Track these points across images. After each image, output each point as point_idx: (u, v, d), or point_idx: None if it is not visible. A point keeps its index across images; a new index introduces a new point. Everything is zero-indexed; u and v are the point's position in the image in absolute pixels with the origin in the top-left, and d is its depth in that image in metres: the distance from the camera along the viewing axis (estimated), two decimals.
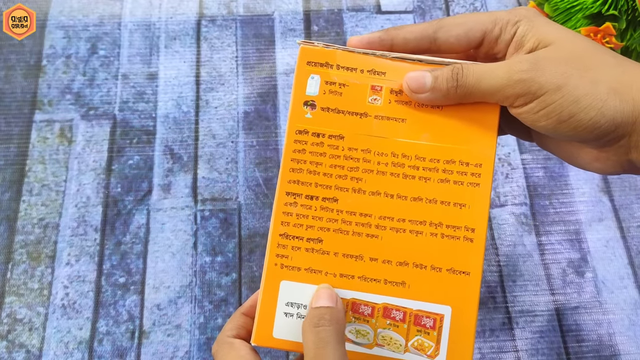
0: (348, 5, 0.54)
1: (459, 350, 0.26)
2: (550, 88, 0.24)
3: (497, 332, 0.41)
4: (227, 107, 0.49)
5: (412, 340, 0.26)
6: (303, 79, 0.28)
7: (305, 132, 0.28)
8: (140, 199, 0.45)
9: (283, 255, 0.27)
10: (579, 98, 0.23)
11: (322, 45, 0.28)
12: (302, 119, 0.28)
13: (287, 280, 0.27)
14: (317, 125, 0.28)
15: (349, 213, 0.27)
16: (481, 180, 0.27)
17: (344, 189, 0.27)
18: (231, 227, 0.44)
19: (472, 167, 0.27)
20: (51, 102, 0.49)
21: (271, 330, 0.26)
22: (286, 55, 0.51)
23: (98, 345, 0.40)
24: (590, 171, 0.27)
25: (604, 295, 0.43)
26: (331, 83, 0.28)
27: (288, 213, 0.27)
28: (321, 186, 0.27)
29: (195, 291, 0.42)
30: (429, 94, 0.26)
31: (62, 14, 0.53)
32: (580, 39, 0.25)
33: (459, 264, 0.26)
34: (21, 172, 0.46)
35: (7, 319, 0.41)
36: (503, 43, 0.26)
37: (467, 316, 0.26)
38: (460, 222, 0.26)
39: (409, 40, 0.27)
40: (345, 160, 0.27)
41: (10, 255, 0.43)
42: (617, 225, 0.45)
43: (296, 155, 0.28)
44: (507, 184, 0.46)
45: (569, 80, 0.23)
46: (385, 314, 0.26)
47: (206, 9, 0.53)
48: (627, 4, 0.44)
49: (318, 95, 0.28)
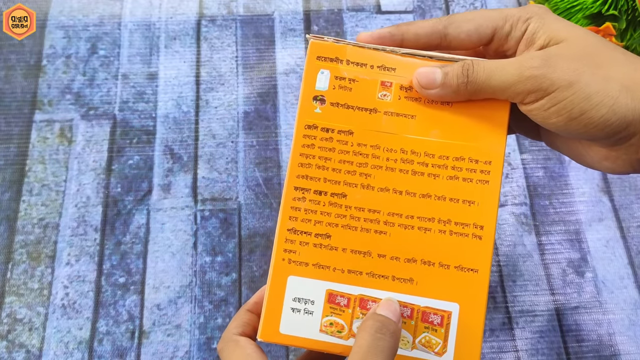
0: (348, 5, 0.54)
1: (467, 348, 0.26)
2: (562, 85, 0.23)
3: (497, 332, 0.41)
4: (227, 107, 0.49)
5: (420, 337, 0.26)
6: (313, 74, 0.28)
7: (315, 127, 0.28)
8: (140, 199, 0.45)
9: (291, 250, 0.27)
10: (591, 95, 0.23)
11: (332, 40, 0.28)
12: (312, 113, 0.28)
13: (294, 275, 0.27)
14: (326, 120, 0.28)
15: (357, 209, 0.27)
16: (490, 178, 0.26)
17: (352, 184, 0.27)
18: (231, 227, 0.44)
19: (482, 164, 0.27)
20: (51, 102, 0.49)
21: (278, 326, 0.26)
22: (286, 55, 0.51)
23: (98, 345, 0.40)
24: (600, 170, 0.27)
25: (604, 295, 0.43)
26: (341, 78, 0.28)
27: (296, 208, 0.27)
28: (330, 181, 0.27)
29: (195, 291, 0.42)
30: (439, 89, 0.26)
31: (62, 14, 0.53)
32: (591, 37, 0.25)
33: (467, 261, 0.26)
34: (21, 172, 0.46)
35: (7, 319, 0.41)
36: (513, 40, 0.26)
37: (475, 313, 0.26)
38: (469, 219, 0.26)
39: (419, 35, 0.27)
40: (354, 156, 0.27)
41: (10, 255, 0.43)
42: (617, 225, 0.45)
43: (305, 150, 0.27)
44: (507, 184, 0.46)
45: (581, 77, 0.23)
46: None
47: (206, 9, 0.53)
48: (627, 4, 0.44)
49: (328, 90, 0.28)
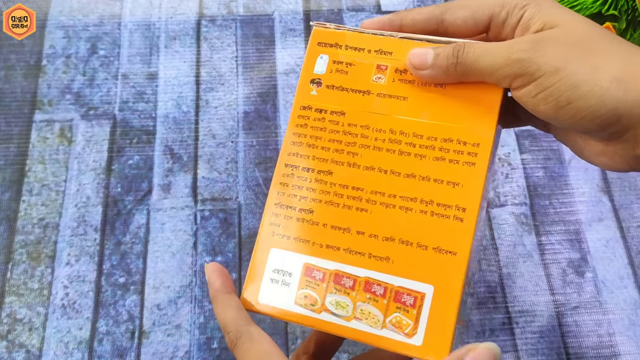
0: (348, 5, 0.54)
1: (438, 332, 0.25)
2: (548, 70, 0.23)
3: (497, 332, 0.41)
4: (227, 107, 0.49)
5: (391, 316, 0.26)
6: (312, 59, 0.29)
7: (309, 108, 0.28)
8: (140, 199, 0.45)
9: (276, 224, 0.28)
10: (579, 84, 0.22)
11: (334, 27, 0.29)
12: (308, 95, 0.29)
13: (276, 247, 0.27)
14: (320, 102, 0.28)
15: (341, 186, 0.27)
16: (477, 160, 0.26)
17: (339, 162, 0.27)
18: (231, 227, 0.44)
19: (470, 146, 0.26)
20: (51, 102, 0.49)
21: (257, 295, 0.27)
22: (286, 55, 0.51)
23: (98, 345, 0.40)
24: (599, 166, 0.26)
25: (604, 295, 0.43)
26: (338, 62, 0.28)
27: (284, 184, 0.28)
28: (318, 159, 0.28)
29: (195, 291, 0.42)
30: (429, 70, 0.26)
31: (62, 14, 0.53)
32: (589, 24, 0.24)
33: (446, 244, 0.26)
34: (21, 172, 0.46)
35: (7, 319, 0.41)
36: (510, 27, 0.26)
37: (449, 297, 0.25)
38: (452, 200, 0.26)
39: (417, 21, 0.27)
40: (344, 135, 0.28)
41: (10, 255, 0.43)
42: (617, 225, 0.45)
43: (298, 130, 0.28)
44: (507, 184, 0.46)
45: (569, 63, 0.22)
46: (367, 287, 0.26)
47: (206, 9, 0.53)
48: (627, 4, 0.44)
49: (325, 73, 0.29)
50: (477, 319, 0.42)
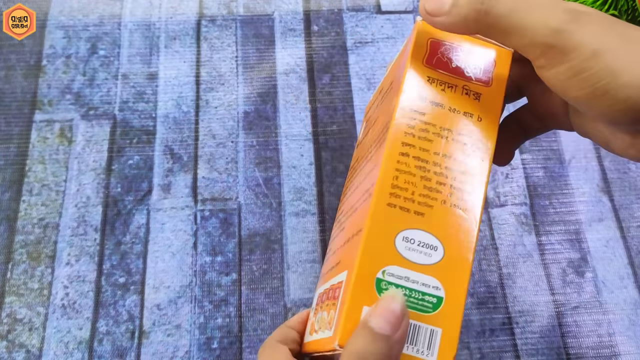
0: (348, 5, 0.54)
1: (341, 316, 0.22)
2: (586, 52, 0.20)
3: (497, 332, 0.41)
4: (227, 107, 0.49)
5: (329, 315, 0.24)
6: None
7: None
8: (140, 199, 0.45)
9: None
10: (620, 72, 0.20)
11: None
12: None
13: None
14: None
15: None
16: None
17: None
18: (231, 227, 0.44)
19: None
20: (51, 102, 0.49)
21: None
22: (286, 55, 0.51)
23: (98, 345, 0.40)
24: (626, 157, 0.24)
25: (604, 295, 0.43)
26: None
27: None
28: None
29: (195, 291, 0.42)
30: (445, 17, 0.23)
31: (62, 14, 0.53)
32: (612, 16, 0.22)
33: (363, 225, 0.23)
34: (21, 172, 0.46)
35: (7, 319, 0.41)
36: None
37: (348, 279, 0.22)
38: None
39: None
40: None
41: (10, 255, 0.43)
42: (617, 225, 0.45)
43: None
44: (507, 184, 0.46)
45: (609, 48, 0.20)
46: (332, 294, 0.24)
47: (206, 9, 0.53)
48: (627, 4, 0.44)
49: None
50: (477, 319, 0.42)
